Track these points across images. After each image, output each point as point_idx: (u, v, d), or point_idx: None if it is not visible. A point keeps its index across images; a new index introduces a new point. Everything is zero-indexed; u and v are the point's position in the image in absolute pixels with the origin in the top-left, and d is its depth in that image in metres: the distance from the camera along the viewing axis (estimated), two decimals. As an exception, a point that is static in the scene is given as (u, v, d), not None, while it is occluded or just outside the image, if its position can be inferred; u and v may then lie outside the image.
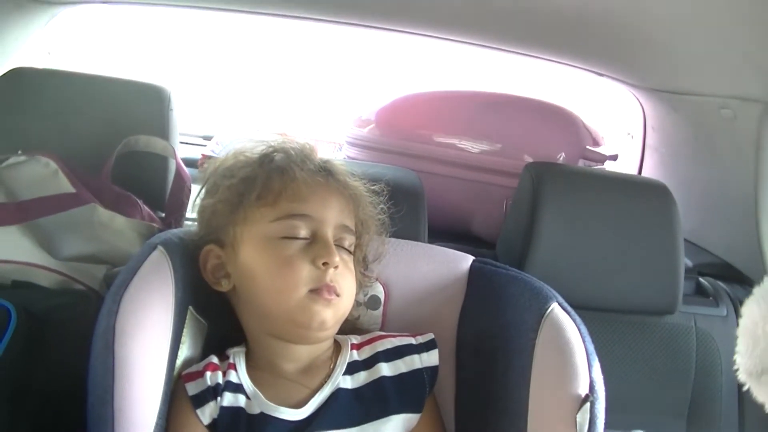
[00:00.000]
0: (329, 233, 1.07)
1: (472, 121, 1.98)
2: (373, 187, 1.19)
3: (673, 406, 1.59)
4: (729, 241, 1.92)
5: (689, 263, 1.84)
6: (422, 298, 1.25)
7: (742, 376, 0.48)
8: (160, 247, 1.05)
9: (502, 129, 1.97)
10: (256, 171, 1.09)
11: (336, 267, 1.05)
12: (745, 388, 0.49)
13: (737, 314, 1.67)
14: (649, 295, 1.56)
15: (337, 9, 1.88)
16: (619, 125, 2.39)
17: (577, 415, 0.96)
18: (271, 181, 1.08)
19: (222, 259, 1.10)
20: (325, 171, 1.12)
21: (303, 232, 1.06)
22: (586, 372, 1.00)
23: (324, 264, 1.03)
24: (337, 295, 1.05)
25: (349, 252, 1.13)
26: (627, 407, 1.51)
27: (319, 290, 1.03)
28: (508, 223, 1.67)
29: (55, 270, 1.21)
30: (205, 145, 2.27)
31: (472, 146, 1.96)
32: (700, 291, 1.80)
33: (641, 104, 2.16)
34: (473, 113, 2.00)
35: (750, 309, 0.45)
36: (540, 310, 1.08)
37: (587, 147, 1.95)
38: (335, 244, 1.07)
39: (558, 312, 1.07)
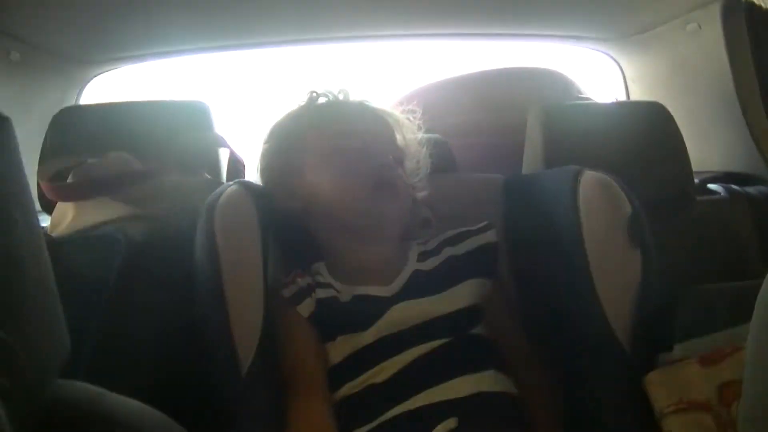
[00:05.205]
0: (378, 146, 1.23)
1: (478, 97, 2.10)
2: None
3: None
4: (728, 152, 1.99)
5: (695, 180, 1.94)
6: (465, 215, 1.37)
7: None
8: (235, 183, 1.18)
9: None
10: (306, 106, 1.27)
11: (390, 168, 1.20)
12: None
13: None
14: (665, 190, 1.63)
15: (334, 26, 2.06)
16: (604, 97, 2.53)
17: (628, 230, 1.10)
18: (320, 111, 1.25)
19: (289, 185, 1.24)
20: (365, 103, 1.30)
21: (357, 146, 1.21)
22: (624, 197, 1.13)
23: (380, 166, 1.19)
24: (397, 193, 1.20)
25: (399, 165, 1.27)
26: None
27: (380, 187, 1.17)
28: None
29: (146, 216, 1.27)
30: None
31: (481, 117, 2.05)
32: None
33: (617, 61, 2.33)
34: (477, 91, 2.12)
35: None
36: (573, 181, 1.18)
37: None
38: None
39: (589, 172, 1.19)
